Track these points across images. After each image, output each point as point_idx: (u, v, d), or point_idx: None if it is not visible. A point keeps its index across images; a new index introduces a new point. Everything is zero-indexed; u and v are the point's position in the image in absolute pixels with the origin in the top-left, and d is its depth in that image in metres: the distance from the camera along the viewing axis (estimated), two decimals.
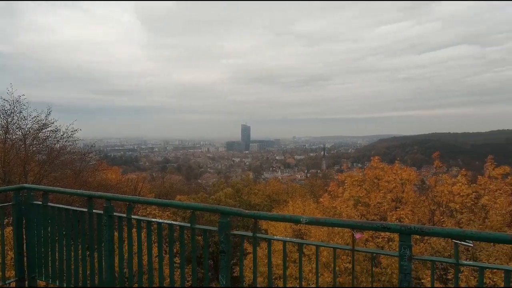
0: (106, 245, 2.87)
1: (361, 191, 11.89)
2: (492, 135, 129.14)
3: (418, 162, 78.30)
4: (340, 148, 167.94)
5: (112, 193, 4.00)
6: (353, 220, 2.00)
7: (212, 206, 2.34)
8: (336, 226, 1.88)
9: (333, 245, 2.13)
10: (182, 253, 2.56)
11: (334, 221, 2.01)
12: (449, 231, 1.84)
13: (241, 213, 2.22)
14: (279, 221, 2.11)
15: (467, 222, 10.10)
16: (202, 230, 2.51)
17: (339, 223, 2.07)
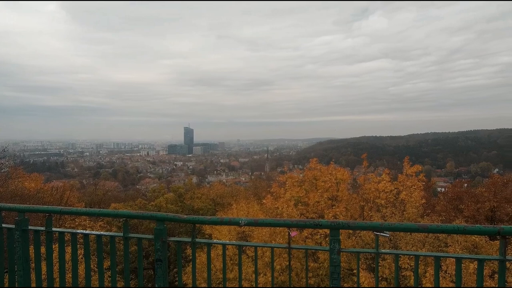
0: (20, 264, 2.49)
1: (301, 191, 12.53)
2: (410, 138, 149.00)
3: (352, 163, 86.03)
4: (282, 151, 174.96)
5: (29, 205, 3.49)
6: (289, 220, 2.09)
7: (147, 213, 2.21)
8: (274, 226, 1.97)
9: (270, 244, 2.19)
10: (113, 266, 2.35)
11: (271, 221, 2.08)
12: (370, 224, 2.05)
13: (178, 218, 2.14)
14: (218, 224, 2.10)
15: (390, 215, 11.41)
16: (137, 240, 2.35)
17: (276, 223, 2.14)
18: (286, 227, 2.12)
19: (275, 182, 14.02)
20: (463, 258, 1.99)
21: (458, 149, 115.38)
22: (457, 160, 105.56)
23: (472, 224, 2.03)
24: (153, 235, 2.12)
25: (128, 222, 2.30)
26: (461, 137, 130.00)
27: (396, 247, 10.24)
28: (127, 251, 2.34)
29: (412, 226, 2.03)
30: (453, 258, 2.02)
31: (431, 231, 1.98)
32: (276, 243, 9.83)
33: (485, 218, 13.23)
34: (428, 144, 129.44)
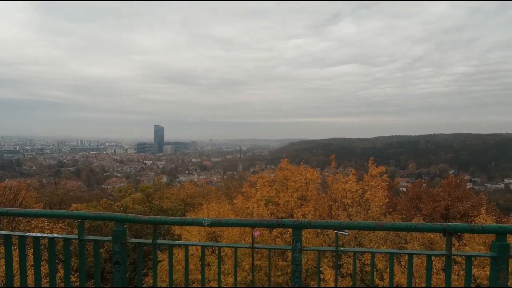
0: None
1: (272, 191, 12.67)
2: (377, 141, 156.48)
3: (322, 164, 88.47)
4: (255, 151, 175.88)
5: None
6: (252, 219, 2.10)
7: (105, 213, 2.10)
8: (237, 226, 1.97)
9: (234, 244, 2.19)
10: (67, 270, 2.22)
11: (235, 221, 2.07)
12: (330, 223, 2.12)
13: (139, 219, 2.07)
14: (180, 225, 2.04)
15: (356, 214, 11.89)
16: (93, 242, 2.23)
17: (240, 223, 2.14)
18: (249, 226, 2.13)
19: (246, 182, 14.05)
20: (415, 254, 2.12)
21: (420, 152, 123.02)
22: (418, 161, 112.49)
23: (423, 222, 2.17)
24: (108, 237, 2.02)
25: (84, 224, 2.18)
26: (422, 140, 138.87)
27: (360, 244, 10.70)
28: (82, 255, 2.22)
29: (369, 224, 2.12)
30: (406, 254, 2.14)
31: (386, 229, 2.09)
32: (245, 243, 9.87)
33: (441, 216, 14.23)
34: (393, 147, 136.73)
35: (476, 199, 14.61)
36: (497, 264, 1.99)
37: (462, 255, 2.09)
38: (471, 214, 13.88)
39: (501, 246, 1.99)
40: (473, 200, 14.26)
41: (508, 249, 2.00)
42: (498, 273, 2.00)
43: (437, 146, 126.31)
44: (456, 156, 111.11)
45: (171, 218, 2.04)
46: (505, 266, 1.99)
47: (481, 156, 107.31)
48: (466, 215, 14.13)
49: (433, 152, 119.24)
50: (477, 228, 2.06)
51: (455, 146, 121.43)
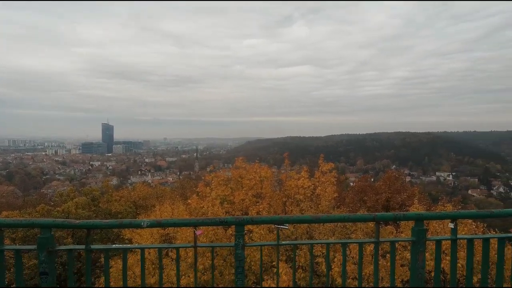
0: None
1: (227, 190, 12.65)
2: (328, 139, 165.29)
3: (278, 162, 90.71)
4: (212, 150, 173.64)
5: None
6: (194, 218, 2.08)
7: (27, 220, 1.91)
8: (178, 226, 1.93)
9: (175, 245, 2.15)
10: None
11: (176, 221, 2.03)
12: (271, 218, 2.19)
13: (68, 224, 1.91)
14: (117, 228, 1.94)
15: (307, 208, 12.45)
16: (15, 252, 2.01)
17: (181, 223, 2.11)
18: (191, 226, 2.11)
19: (201, 182, 13.83)
20: (348, 243, 2.29)
21: (366, 149, 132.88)
22: (366, 158, 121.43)
23: (355, 213, 2.35)
24: (32, 246, 1.84)
25: (3, 232, 1.95)
26: (368, 138, 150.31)
27: (311, 237, 11.25)
28: (2, 266, 1.99)
29: (306, 218, 2.25)
30: (340, 243, 2.30)
31: (322, 221, 2.23)
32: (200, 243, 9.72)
33: (382, 207, 15.56)
34: (343, 144, 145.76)
35: (411, 190, 16.27)
36: (416, 247, 2.25)
37: (387, 241, 2.32)
38: (407, 204, 15.41)
39: (419, 231, 2.25)
40: (409, 192, 15.85)
41: (425, 234, 2.26)
42: (417, 255, 2.26)
43: (381, 144, 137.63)
44: (397, 152, 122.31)
45: (107, 221, 1.92)
46: (423, 249, 2.25)
47: (417, 152, 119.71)
48: (403, 205, 15.65)
49: (378, 149, 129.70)
50: (400, 216, 2.30)
51: (396, 143, 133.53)
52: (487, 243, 2.30)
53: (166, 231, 13.03)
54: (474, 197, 67.93)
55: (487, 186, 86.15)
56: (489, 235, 2.33)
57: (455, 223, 2.28)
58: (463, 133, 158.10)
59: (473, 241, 2.33)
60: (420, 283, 2.26)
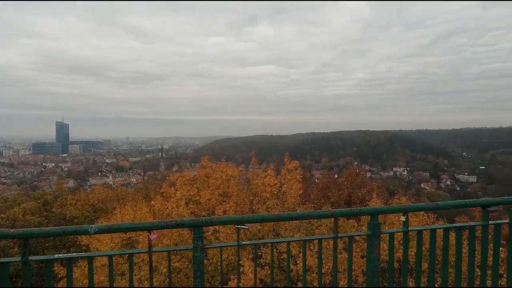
0: None
1: (193, 190, 12.36)
2: (295, 137, 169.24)
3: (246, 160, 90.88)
4: (178, 149, 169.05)
5: None
6: (148, 222, 1.96)
7: None
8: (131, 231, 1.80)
9: (128, 251, 2.01)
10: None
11: (129, 225, 1.90)
12: (232, 218, 2.14)
13: (1, 234, 1.70)
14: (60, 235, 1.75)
15: (274, 206, 12.60)
16: None
17: (134, 227, 1.98)
18: (145, 230, 1.98)
19: (166, 182, 13.36)
20: (306, 240, 2.32)
21: (330, 147, 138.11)
22: (330, 156, 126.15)
23: (314, 210, 2.38)
24: None
25: None
26: (332, 136, 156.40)
27: (278, 234, 11.41)
28: None
29: (268, 216, 2.23)
30: (301, 241, 2.31)
31: (283, 219, 2.23)
32: (161, 246, 9.39)
33: (345, 202, 16.27)
34: (309, 143, 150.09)
35: (371, 185, 17.20)
36: (371, 240, 2.33)
37: (345, 236, 2.38)
38: (367, 198, 16.27)
39: (374, 225, 2.34)
40: (369, 187, 16.73)
41: (379, 227, 2.36)
42: (372, 248, 2.34)
43: (344, 142, 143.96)
44: (359, 150, 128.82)
45: (47, 229, 1.73)
46: (377, 242, 2.35)
47: (377, 149, 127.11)
48: (363, 199, 16.49)
49: (341, 147, 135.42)
50: (356, 212, 2.37)
51: (358, 141, 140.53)
52: (434, 233, 2.46)
53: (128, 235, 12.42)
54: (426, 190, 73.80)
55: (437, 179, 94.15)
56: (436, 226, 2.49)
57: (407, 216, 2.40)
58: (416, 132, 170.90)
59: (422, 232, 2.48)
60: (375, 273, 2.35)
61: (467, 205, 2.58)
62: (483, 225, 2.52)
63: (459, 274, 2.52)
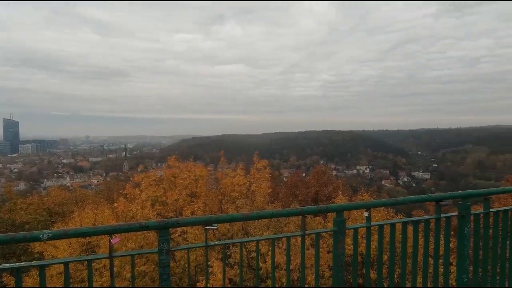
0: None
1: (159, 191, 11.95)
2: (264, 137, 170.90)
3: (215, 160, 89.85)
4: (144, 148, 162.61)
5: None
6: (109, 225, 1.84)
7: None
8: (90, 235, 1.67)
9: (86, 257, 1.87)
10: None
11: (87, 230, 1.77)
12: (199, 219, 2.09)
13: None
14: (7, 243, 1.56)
15: (243, 206, 12.59)
16: None
17: (94, 231, 1.85)
18: (106, 234, 1.86)
19: (130, 183, 12.77)
20: (275, 238, 2.33)
21: (298, 146, 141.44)
22: (298, 155, 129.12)
23: (282, 209, 2.40)
24: None
25: None
26: (300, 136, 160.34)
27: (247, 233, 11.43)
28: None
29: (237, 216, 2.21)
30: (270, 239, 2.32)
31: (252, 218, 2.22)
32: (125, 250, 8.96)
33: (312, 199, 16.75)
34: (278, 142, 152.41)
35: (336, 183, 17.90)
36: (337, 236, 2.41)
37: (313, 233, 2.43)
38: (333, 196, 16.91)
39: (340, 221, 2.42)
40: (334, 185, 17.39)
41: (344, 223, 2.45)
42: (338, 243, 2.42)
43: (311, 141, 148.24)
44: (325, 149, 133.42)
45: None
46: (343, 237, 2.43)
47: (342, 148, 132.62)
48: (330, 197, 17.12)
49: (309, 147, 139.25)
50: (323, 209, 2.43)
51: (324, 141, 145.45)
52: (394, 227, 2.61)
53: (88, 240, 11.70)
54: (386, 187, 78.56)
55: (395, 177, 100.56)
56: (395, 220, 2.65)
57: (369, 212, 2.52)
58: (377, 132, 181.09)
59: (383, 226, 2.61)
60: (341, 268, 2.44)
61: (422, 200, 2.77)
62: (436, 218, 2.71)
63: (416, 264, 2.69)
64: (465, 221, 2.71)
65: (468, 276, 2.75)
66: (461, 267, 2.74)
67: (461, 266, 2.74)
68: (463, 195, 2.74)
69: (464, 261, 2.72)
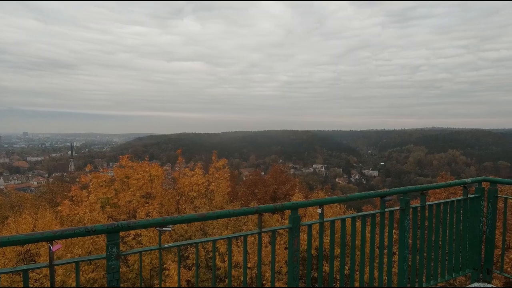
0: None
1: (110, 192, 11.23)
2: (224, 136, 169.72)
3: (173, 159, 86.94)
4: (93, 147, 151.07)
5: None
6: (51, 231, 1.68)
7: None
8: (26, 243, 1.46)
9: (22, 266, 1.68)
10: None
11: (21, 237, 1.57)
12: (152, 221, 2.01)
13: None
14: None
15: (201, 205, 12.39)
16: None
17: (31, 238, 1.66)
18: (45, 241, 1.69)
19: (76, 184, 11.78)
20: (231, 238, 2.33)
21: (258, 145, 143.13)
22: (258, 154, 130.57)
23: (239, 208, 2.41)
24: None
25: None
26: (260, 135, 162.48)
27: (205, 233, 11.26)
28: None
29: (192, 216, 2.16)
30: (227, 239, 2.31)
31: (208, 218, 2.19)
32: (68, 258, 8.26)
33: (270, 198, 17.07)
34: (238, 141, 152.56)
35: (294, 181, 18.47)
36: (292, 233, 2.49)
37: (269, 230, 2.47)
38: (290, 193, 17.42)
39: (294, 218, 2.50)
40: (292, 183, 17.93)
41: (299, 220, 2.53)
42: (293, 239, 2.50)
43: (271, 140, 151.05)
44: (283, 148, 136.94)
45: None
46: (297, 234, 2.52)
47: (299, 148, 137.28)
48: (287, 195, 17.61)
49: (268, 146, 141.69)
50: (279, 207, 2.49)
51: (283, 140, 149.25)
52: (344, 222, 2.77)
53: (26, 248, 10.56)
54: (340, 184, 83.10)
55: (348, 174, 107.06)
56: (345, 216, 2.82)
57: (322, 209, 2.64)
58: (332, 132, 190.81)
59: (334, 222, 2.76)
60: (296, 263, 2.52)
61: (368, 196, 2.98)
62: (381, 212, 2.95)
63: (364, 255, 2.89)
64: (405, 214, 2.99)
65: (408, 264, 3.04)
66: (401, 256, 3.01)
67: (401, 255, 3.01)
68: (403, 191, 3.01)
69: (403, 250, 2.99)
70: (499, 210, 3.68)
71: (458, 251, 3.42)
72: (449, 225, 3.32)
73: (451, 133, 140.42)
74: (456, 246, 3.40)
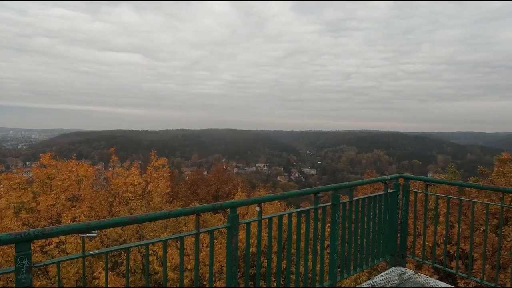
0: None
1: (27, 195, 9.78)
2: (164, 133, 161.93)
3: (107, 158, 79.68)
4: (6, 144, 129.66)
5: None
6: None
7: None
8: None
9: None
10: None
11: None
12: (74, 227, 1.79)
13: None
14: None
15: (138, 207, 11.61)
16: None
17: None
18: None
19: None
20: (167, 240, 2.23)
21: (201, 144, 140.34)
22: (200, 152, 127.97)
23: (176, 208, 2.31)
24: None
25: None
26: (203, 134, 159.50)
27: (142, 236, 10.59)
28: None
29: (121, 219, 2.00)
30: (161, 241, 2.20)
31: (141, 221, 2.05)
32: None
33: (213, 197, 16.89)
34: (179, 139, 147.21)
35: (236, 180, 18.59)
36: (231, 231, 2.48)
37: (206, 231, 2.43)
38: (233, 192, 17.50)
39: (233, 217, 2.50)
40: (234, 182, 18.03)
41: (237, 219, 2.54)
42: (232, 238, 2.49)
43: (214, 139, 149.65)
44: (227, 147, 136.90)
45: None
46: (236, 232, 2.52)
47: (243, 147, 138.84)
48: (230, 194, 17.64)
49: (211, 145, 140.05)
50: (217, 206, 2.47)
51: (226, 139, 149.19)
52: (281, 219, 2.88)
53: None
54: (281, 182, 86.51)
55: (288, 173, 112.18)
56: (282, 213, 2.93)
57: (260, 207, 2.70)
58: (274, 132, 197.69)
59: (272, 219, 2.85)
60: (234, 261, 2.53)
61: (304, 193, 3.15)
62: (315, 208, 3.14)
63: (299, 248, 3.04)
64: (336, 209, 3.23)
65: (337, 254, 3.29)
66: (332, 248, 3.26)
67: (332, 247, 3.26)
68: (334, 188, 3.26)
69: (334, 242, 3.24)
70: (411, 202, 4.24)
71: (380, 240, 3.84)
72: (373, 217, 3.71)
73: (376, 135, 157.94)
74: (378, 235, 3.82)
